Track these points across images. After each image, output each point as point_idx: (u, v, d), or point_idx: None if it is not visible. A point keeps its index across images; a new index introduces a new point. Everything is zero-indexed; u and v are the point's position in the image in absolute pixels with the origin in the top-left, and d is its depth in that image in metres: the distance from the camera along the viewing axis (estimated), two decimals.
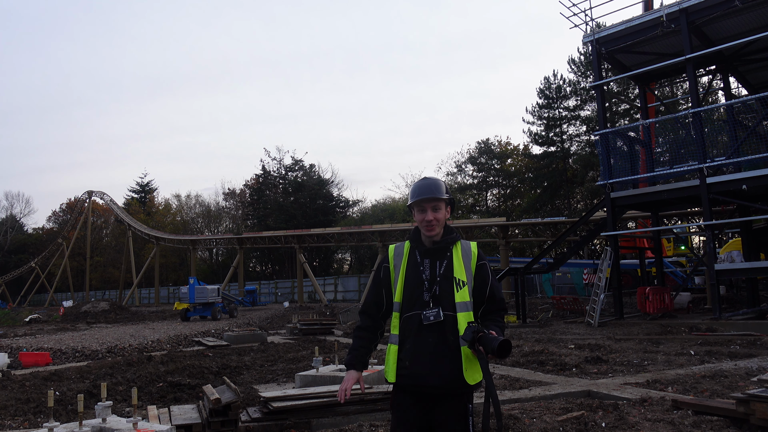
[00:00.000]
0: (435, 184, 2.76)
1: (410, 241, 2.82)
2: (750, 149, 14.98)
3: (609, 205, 17.47)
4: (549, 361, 9.63)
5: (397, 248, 2.85)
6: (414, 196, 2.75)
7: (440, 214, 2.72)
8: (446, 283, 2.65)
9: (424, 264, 2.70)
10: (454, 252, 2.74)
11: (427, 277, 2.67)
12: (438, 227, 2.72)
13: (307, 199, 60.71)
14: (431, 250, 2.72)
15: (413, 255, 2.75)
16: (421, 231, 2.76)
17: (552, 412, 5.75)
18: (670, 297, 17.37)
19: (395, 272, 2.77)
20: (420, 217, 2.73)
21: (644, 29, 16.99)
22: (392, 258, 2.81)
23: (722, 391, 6.55)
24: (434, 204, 2.71)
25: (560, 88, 46.33)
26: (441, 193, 2.73)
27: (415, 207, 2.76)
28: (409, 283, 2.69)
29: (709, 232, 16.01)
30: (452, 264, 2.70)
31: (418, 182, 2.82)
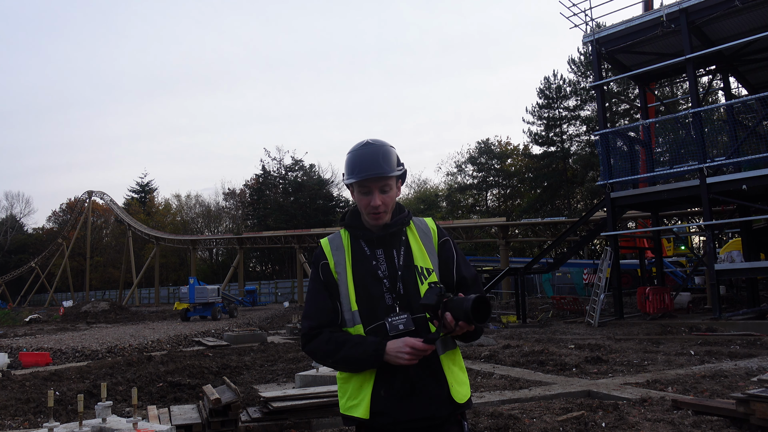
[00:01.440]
0: (383, 153, 2.03)
1: (347, 228, 2.16)
2: (750, 149, 14.97)
3: (609, 205, 17.47)
4: (549, 361, 9.63)
5: (332, 240, 2.17)
6: (353, 173, 2.03)
7: (390, 195, 2.07)
8: (409, 276, 2.05)
9: (377, 255, 2.08)
10: (409, 234, 2.15)
11: (385, 272, 2.04)
12: (388, 212, 2.09)
13: (307, 199, 60.73)
14: (383, 237, 2.08)
15: (358, 246, 2.10)
16: (365, 216, 2.11)
17: (552, 412, 5.75)
18: (670, 297, 17.37)
19: (340, 272, 2.08)
20: (364, 201, 2.05)
21: (644, 29, 16.99)
22: (330, 253, 2.12)
23: (722, 391, 6.55)
24: (383, 184, 2.03)
25: (560, 88, 46.37)
26: (391, 169, 2.03)
27: (354, 186, 2.07)
28: (363, 282, 2.04)
29: (709, 232, 16.01)
30: (410, 249, 2.11)
31: (357, 150, 2.06)
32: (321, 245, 2.17)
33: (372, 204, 2.02)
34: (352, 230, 2.14)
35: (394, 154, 2.09)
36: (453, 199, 56.32)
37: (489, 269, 27.41)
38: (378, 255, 2.08)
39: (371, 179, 2.00)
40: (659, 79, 22.14)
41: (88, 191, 63.96)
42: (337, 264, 2.09)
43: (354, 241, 2.12)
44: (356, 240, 2.12)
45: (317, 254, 2.15)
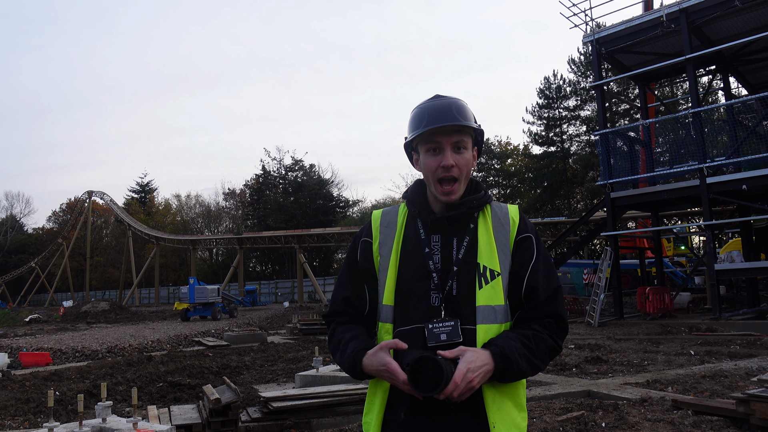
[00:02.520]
0: (457, 106, 1.68)
1: (408, 203, 1.81)
2: (750, 149, 14.97)
3: (609, 205, 17.47)
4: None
5: (386, 214, 1.82)
6: (420, 125, 1.67)
7: (466, 158, 1.69)
8: (467, 274, 1.65)
9: (432, 243, 1.70)
10: (480, 221, 1.73)
11: (437, 265, 1.66)
12: (461, 182, 1.70)
13: (307, 199, 60.71)
14: (445, 219, 1.70)
15: (413, 227, 1.74)
16: (431, 187, 1.71)
17: (552, 412, 5.75)
18: (670, 297, 17.37)
19: (383, 255, 1.74)
20: (432, 163, 1.68)
21: (644, 29, 16.98)
22: (378, 230, 1.78)
23: (722, 391, 6.55)
24: (457, 139, 1.67)
25: (560, 88, 46.37)
26: (468, 120, 1.67)
27: (421, 144, 1.71)
28: (406, 274, 1.69)
29: (709, 232, 16.01)
30: (476, 241, 1.69)
31: (425, 103, 1.72)
32: (371, 218, 1.84)
33: (443, 164, 1.64)
34: (412, 207, 1.76)
35: (470, 110, 1.71)
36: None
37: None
38: (434, 242, 1.70)
39: (443, 131, 1.64)
40: (659, 79, 22.13)
41: (88, 191, 63.95)
42: (382, 244, 1.75)
43: (410, 220, 1.76)
44: (413, 219, 1.75)
45: (363, 228, 1.83)
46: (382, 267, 1.73)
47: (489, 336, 1.60)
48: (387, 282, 1.71)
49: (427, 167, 1.69)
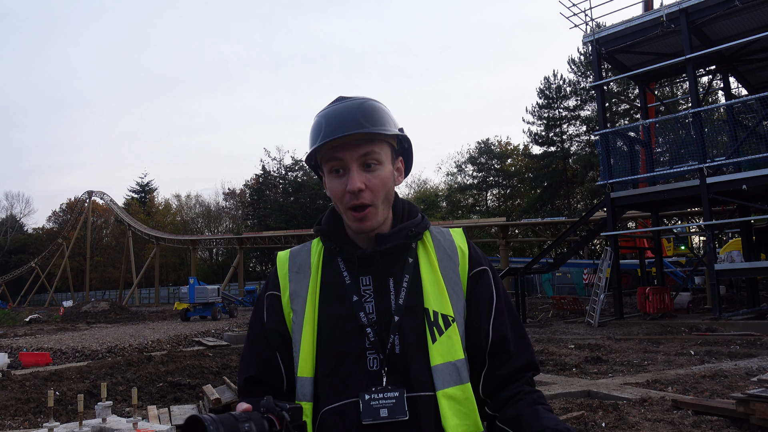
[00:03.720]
0: (363, 109, 1.29)
1: (322, 238, 1.40)
2: (750, 149, 14.98)
3: (609, 205, 17.47)
4: (549, 360, 9.64)
5: (295, 256, 1.42)
6: (316, 138, 1.30)
7: (381, 176, 1.30)
8: (412, 324, 1.28)
9: (362, 287, 1.31)
10: (421, 254, 1.36)
11: (371, 316, 1.28)
12: (378, 206, 1.30)
13: (308, 199, 60.70)
14: (377, 255, 1.31)
15: (333, 269, 1.35)
16: (344, 216, 1.33)
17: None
18: (670, 297, 17.37)
19: (296, 311, 1.33)
20: (337, 187, 1.30)
21: (644, 29, 16.99)
22: (286, 278, 1.38)
23: (722, 391, 6.56)
24: (365, 151, 1.28)
25: (560, 88, 46.37)
26: (380, 124, 1.28)
27: (323, 162, 1.33)
28: (330, 332, 1.29)
29: (709, 232, 16.01)
30: (419, 280, 1.32)
31: (326, 108, 1.35)
32: (276, 262, 1.42)
33: (349, 188, 1.25)
34: (328, 241, 1.37)
35: (385, 111, 1.32)
36: (453, 199, 56.32)
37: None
38: (364, 285, 1.30)
39: (345, 145, 1.26)
40: (659, 79, 22.13)
41: (88, 191, 63.96)
42: (294, 296, 1.33)
43: (329, 260, 1.36)
44: (332, 259, 1.36)
45: (267, 279, 1.43)
46: (296, 327, 1.31)
47: (457, 407, 1.24)
48: (302, 346, 1.28)
49: (333, 192, 1.30)
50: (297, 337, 1.31)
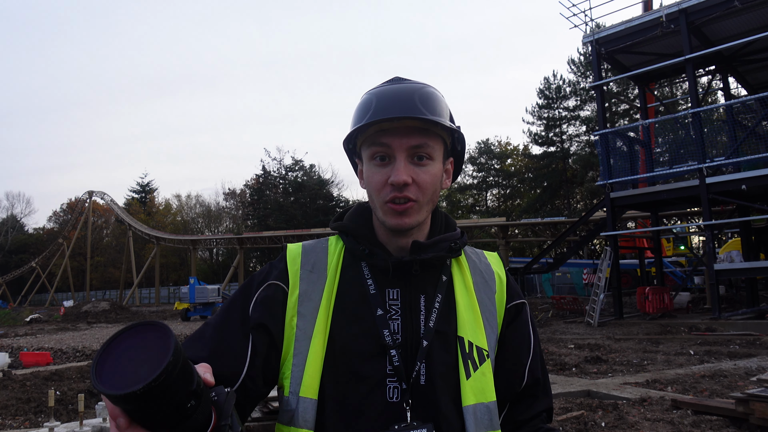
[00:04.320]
0: (422, 93, 1.12)
1: (345, 236, 1.21)
2: (749, 149, 15.00)
3: (609, 205, 17.49)
4: (549, 360, 9.65)
5: (309, 252, 1.21)
6: (363, 116, 1.12)
7: (431, 172, 1.13)
8: (443, 351, 1.12)
9: (389, 300, 1.13)
10: (456, 273, 1.20)
11: (397, 336, 1.10)
12: (422, 206, 1.13)
13: (308, 199, 60.72)
14: (416, 264, 1.14)
15: (355, 275, 1.16)
16: (377, 212, 1.15)
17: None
18: (669, 297, 17.39)
19: (304, 315, 1.12)
20: (377, 177, 1.13)
21: (644, 29, 17.00)
22: (297, 275, 1.16)
23: (721, 391, 6.57)
24: (418, 142, 1.11)
25: (560, 88, 46.41)
26: (438, 114, 1.12)
27: (365, 146, 1.17)
28: (346, 348, 1.09)
29: (709, 232, 16.03)
30: (453, 303, 1.16)
31: (380, 86, 1.17)
32: (284, 254, 1.20)
33: (393, 179, 1.08)
34: (353, 242, 1.17)
35: (445, 102, 1.17)
36: (453, 199, 56.35)
37: None
38: (390, 299, 1.12)
39: (396, 130, 1.09)
40: (659, 80, 22.15)
41: (89, 191, 63.98)
42: (304, 297, 1.12)
43: (349, 263, 1.17)
44: (354, 263, 1.16)
45: (268, 267, 1.19)
46: (300, 334, 1.08)
47: None
48: (309, 360, 1.06)
49: (371, 182, 1.13)
50: (302, 347, 1.08)
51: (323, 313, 1.11)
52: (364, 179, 1.20)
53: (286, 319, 1.12)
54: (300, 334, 1.10)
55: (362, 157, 1.20)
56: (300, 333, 1.10)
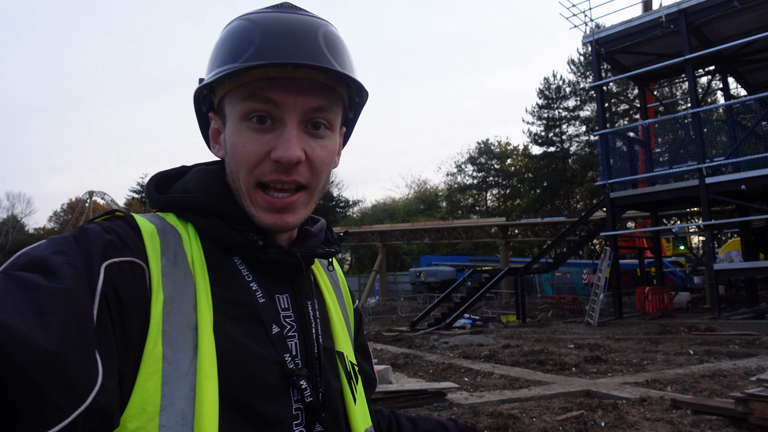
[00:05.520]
0: (326, 33, 0.82)
1: (204, 220, 0.83)
2: (749, 149, 15.02)
3: (608, 205, 17.52)
4: (548, 360, 9.67)
5: (164, 232, 0.78)
6: (239, 53, 0.79)
7: (328, 147, 0.86)
8: (332, 376, 0.88)
9: (281, 310, 0.84)
10: (315, 271, 1.00)
11: (296, 359, 0.82)
12: (312, 196, 0.86)
13: None
14: (296, 267, 0.87)
15: (226, 272, 0.80)
16: (243, 194, 0.83)
17: (551, 412, 5.78)
18: (669, 297, 17.41)
19: (173, 335, 0.70)
20: (252, 147, 0.81)
21: (643, 30, 17.03)
22: (159, 261, 0.73)
23: (721, 391, 6.59)
24: (318, 105, 0.82)
25: (560, 88, 46.47)
26: (347, 67, 0.83)
27: (233, 98, 0.82)
28: (241, 382, 0.74)
29: (708, 232, 16.05)
30: (326, 307, 0.96)
31: (264, 13, 0.82)
32: (132, 218, 0.78)
33: (280, 153, 0.79)
34: (222, 226, 0.83)
35: (349, 51, 0.87)
36: (453, 199, 56.39)
37: (489, 269, 27.46)
38: (283, 309, 0.85)
39: (287, 81, 0.80)
40: (658, 80, 22.17)
41: (89, 191, 64.04)
42: (171, 305, 0.72)
43: (216, 256, 0.81)
44: (222, 256, 0.82)
45: (110, 229, 0.74)
46: (171, 371, 0.69)
47: None
48: (199, 412, 0.68)
49: (240, 153, 0.81)
50: (177, 393, 0.68)
51: (206, 333, 0.71)
52: (222, 144, 0.86)
53: (148, 341, 0.68)
54: (170, 371, 0.68)
55: (224, 113, 0.85)
56: (170, 369, 0.68)
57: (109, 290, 0.66)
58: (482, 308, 23.16)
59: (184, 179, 0.88)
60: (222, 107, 0.86)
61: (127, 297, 0.67)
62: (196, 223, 0.83)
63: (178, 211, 0.84)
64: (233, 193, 0.86)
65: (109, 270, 0.67)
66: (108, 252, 0.69)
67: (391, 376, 8.22)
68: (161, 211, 0.85)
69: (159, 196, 0.85)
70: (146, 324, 0.69)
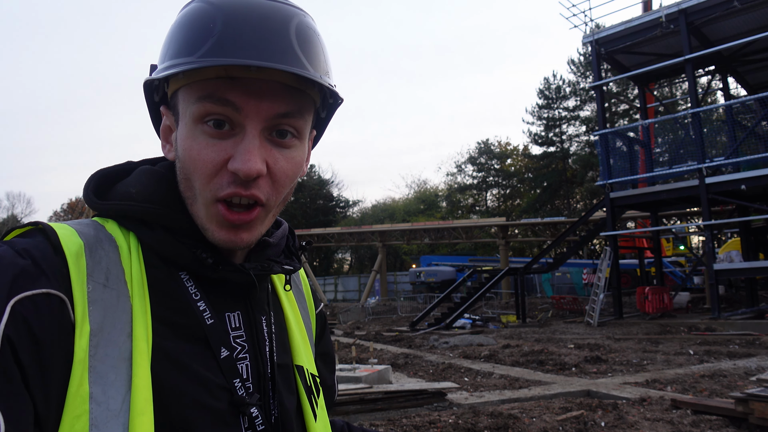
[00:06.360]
0: (302, 26, 0.73)
1: (147, 231, 0.74)
2: (749, 149, 15.03)
3: (608, 205, 17.53)
4: (548, 360, 9.67)
5: (93, 247, 0.68)
6: (197, 45, 0.68)
7: (294, 159, 0.76)
8: (288, 393, 0.81)
9: (231, 330, 0.76)
10: (278, 287, 0.91)
11: (247, 383, 0.75)
12: (269, 211, 0.76)
13: (308, 199, 60.80)
14: (248, 284, 0.79)
15: (173, 291, 0.72)
16: (197, 204, 0.74)
17: (551, 412, 5.78)
18: (669, 297, 17.42)
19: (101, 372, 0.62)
20: (209, 155, 0.70)
21: (643, 30, 17.04)
22: (84, 286, 0.64)
23: (721, 391, 6.59)
24: (285, 109, 0.72)
25: (560, 88, 46.49)
26: (319, 67, 0.73)
27: (188, 98, 0.72)
28: (184, 418, 0.66)
29: (708, 232, 16.05)
30: (284, 319, 0.88)
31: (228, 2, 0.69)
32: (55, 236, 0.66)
33: (239, 165, 0.69)
34: (167, 238, 0.74)
35: (324, 46, 0.79)
36: (453, 199, 56.42)
37: (489, 269, 27.48)
38: (233, 328, 0.77)
39: (251, 82, 0.70)
40: (658, 80, 22.17)
41: None
42: (98, 337, 0.63)
43: (159, 270, 0.73)
44: (166, 269, 0.74)
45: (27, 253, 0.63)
46: (100, 412, 0.61)
47: None
48: None
49: (195, 160, 0.72)
50: (111, 424, 0.61)
51: (142, 366, 0.64)
52: (173, 144, 0.77)
53: (71, 381, 0.61)
54: (99, 412, 0.61)
55: (178, 110, 0.75)
56: (98, 409, 0.61)
57: (18, 332, 0.58)
58: (482, 308, 23.17)
59: (127, 181, 0.79)
60: (175, 102, 0.75)
61: (43, 337, 0.59)
62: (138, 234, 0.74)
63: (119, 219, 0.75)
64: (183, 201, 0.76)
65: (20, 306, 0.59)
66: (18, 284, 0.60)
67: (391, 376, 8.23)
68: (100, 216, 0.77)
69: (98, 202, 0.76)
70: (69, 362, 0.61)
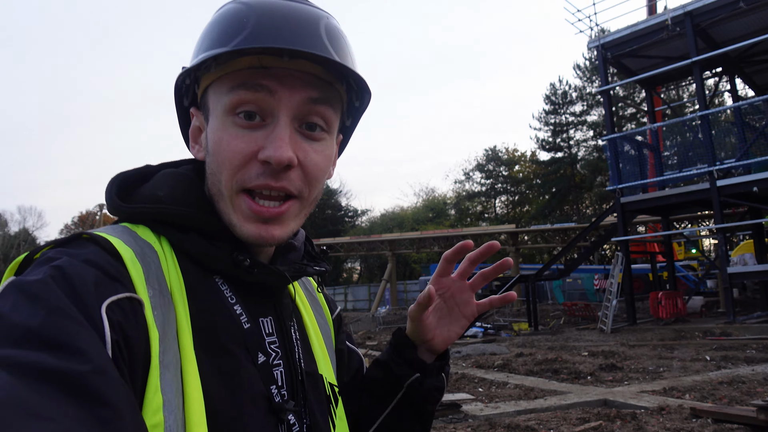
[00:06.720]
0: (328, 26, 0.75)
1: (182, 236, 0.73)
2: (759, 151, 14.91)
3: (619, 210, 17.42)
4: (563, 369, 9.58)
5: (142, 256, 0.67)
6: (231, 36, 0.71)
7: (324, 152, 0.77)
8: (318, 402, 0.82)
9: (266, 335, 0.76)
10: (294, 290, 0.90)
11: (282, 391, 0.75)
12: (303, 207, 0.78)
13: (316, 209, 60.86)
14: (276, 286, 0.81)
15: (209, 296, 0.72)
16: (224, 201, 0.74)
17: (569, 423, 5.71)
18: (682, 301, 17.25)
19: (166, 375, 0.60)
20: (240, 145, 0.71)
21: (649, 33, 17.00)
22: (145, 291, 0.63)
23: (741, 398, 6.49)
24: (316, 95, 0.74)
25: (566, 93, 46.43)
26: (347, 60, 0.76)
27: (219, 89, 0.74)
28: (229, 424, 0.66)
29: (721, 235, 15.90)
30: (304, 327, 0.88)
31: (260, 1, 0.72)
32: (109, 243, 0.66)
33: (272, 153, 0.70)
34: (203, 243, 0.73)
35: (351, 46, 0.81)
36: (461, 206, 56.32)
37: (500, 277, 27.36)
38: (267, 332, 0.77)
39: (281, 72, 0.72)
40: (666, 83, 22.10)
41: (100, 204, 64.41)
42: (162, 341, 0.63)
43: (194, 275, 0.72)
44: (201, 275, 0.73)
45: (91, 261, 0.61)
46: (167, 413, 0.60)
47: None
48: None
49: (225, 151, 0.72)
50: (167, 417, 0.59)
51: (192, 377, 0.63)
52: (203, 144, 0.78)
53: (148, 389, 0.59)
54: (171, 422, 0.60)
55: (208, 107, 0.76)
56: (170, 419, 0.60)
57: (118, 337, 0.56)
58: (493, 316, 23.04)
59: (152, 184, 0.78)
60: (206, 100, 0.78)
61: (135, 341, 0.58)
62: (172, 239, 0.73)
63: (149, 223, 0.74)
64: (211, 202, 0.77)
65: (110, 312, 0.57)
66: (100, 291, 0.58)
67: None
68: (128, 221, 0.76)
69: (125, 205, 0.77)
70: (147, 368, 0.60)
